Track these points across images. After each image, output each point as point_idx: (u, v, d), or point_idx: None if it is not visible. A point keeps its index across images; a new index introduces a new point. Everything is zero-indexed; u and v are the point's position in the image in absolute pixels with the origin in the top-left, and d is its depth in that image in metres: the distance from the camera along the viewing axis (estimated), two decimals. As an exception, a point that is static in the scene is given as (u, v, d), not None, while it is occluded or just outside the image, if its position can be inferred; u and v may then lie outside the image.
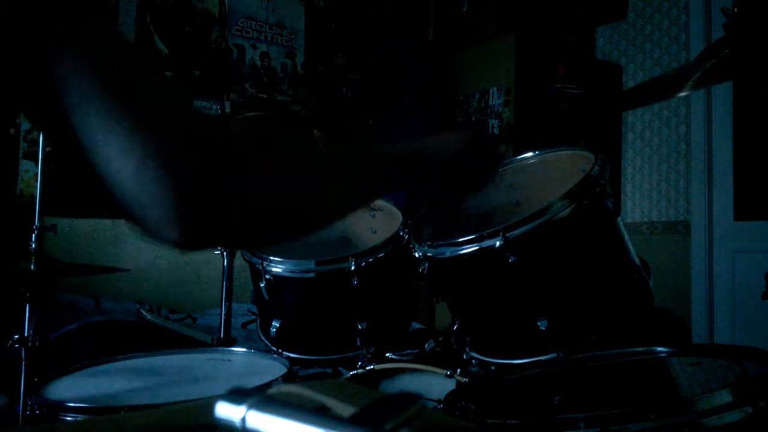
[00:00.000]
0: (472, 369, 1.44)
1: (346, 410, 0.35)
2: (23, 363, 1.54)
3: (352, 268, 1.55)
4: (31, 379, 1.43)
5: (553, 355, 1.31)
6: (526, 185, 1.63)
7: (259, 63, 3.59)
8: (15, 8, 0.55)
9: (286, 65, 3.69)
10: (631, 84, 3.66)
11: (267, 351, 1.60)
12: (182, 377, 1.33)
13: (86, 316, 2.44)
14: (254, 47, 3.58)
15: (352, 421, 0.33)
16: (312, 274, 1.60)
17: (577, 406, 1.04)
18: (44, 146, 1.73)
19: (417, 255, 1.43)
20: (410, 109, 3.85)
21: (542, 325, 1.29)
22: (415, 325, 2.06)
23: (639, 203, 3.65)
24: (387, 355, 1.61)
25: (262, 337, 1.74)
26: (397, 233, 1.64)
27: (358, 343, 1.61)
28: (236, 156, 0.64)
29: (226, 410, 0.34)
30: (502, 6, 3.67)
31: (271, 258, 1.59)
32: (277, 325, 1.65)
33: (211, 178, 0.60)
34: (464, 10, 3.93)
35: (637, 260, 1.42)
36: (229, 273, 1.85)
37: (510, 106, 3.56)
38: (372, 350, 1.60)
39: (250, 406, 0.34)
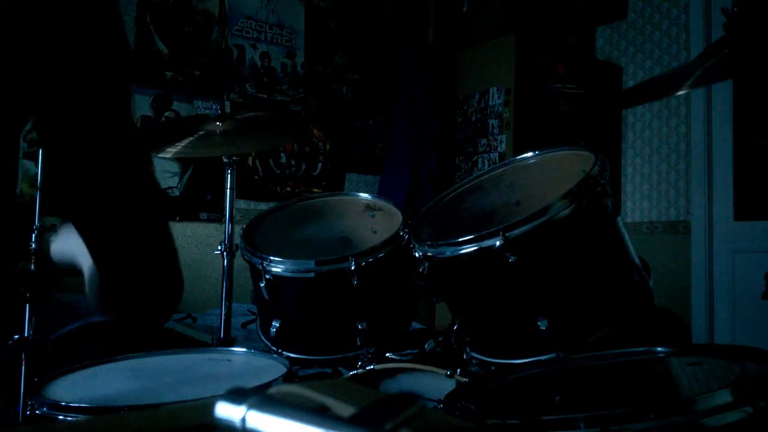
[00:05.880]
0: (472, 369, 1.44)
1: (346, 410, 0.35)
2: (23, 363, 1.54)
3: (352, 268, 1.55)
4: (31, 379, 1.43)
5: (553, 355, 1.31)
6: (526, 185, 1.63)
7: (259, 63, 3.59)
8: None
9: (286, 65, 3.69)
10: (631, 84, 3.65)
11: (267, 351, 1.60)
12: (182, 377, 1.32)
13: (86, 316, 2.44)
14: (254, 47, 3.58)
15: (352, 421, 0.33)
16: (312, 274, 1.60)
17: (577, 406, 1.03)
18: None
19: (417, 255, 1.43)
20: (410, 109, 3.85)
21: (542, 325, 1.29)
22: (415, 325, 2.06)
23: (639, 203, 3.65)
24: (387, 355, 1.61)
25: (262, 337, 1.74)
26: (397, 233, 1.64)
27: (358, 343, 1.61)
28: None
29: (226, 410, 0.34)
30: (502, 6, 3.67)
31: (271, 258, 1.59)
32: (277, 325, 1.65)
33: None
34: (464, 10, 3.93)
35: (637, 260, 1.42)
36: (229, 273, 1.84)
37: (510, 106, 3.56)
38: (372, 350, 1.60)
39: (250, 406, 0.34)
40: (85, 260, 0.86)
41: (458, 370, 1.40)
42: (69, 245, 0.89)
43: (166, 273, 0.85)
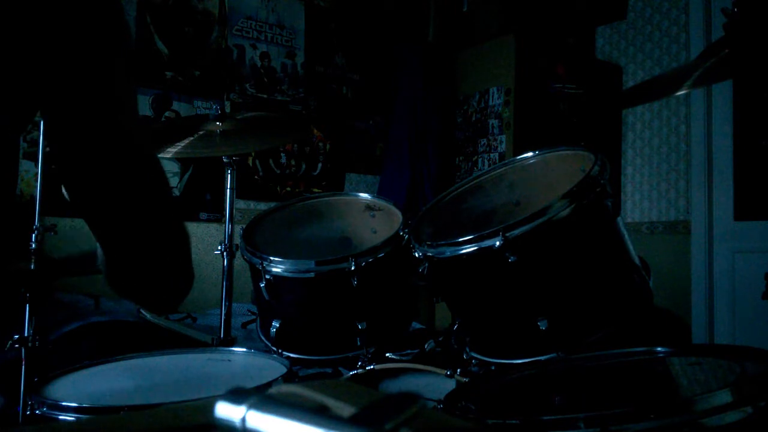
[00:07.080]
0: (472, 369, 1.44)
1: (346, 410, 0.35)
2: (23, 363, 1.54)
3: (352, 268, 1.55)
4: (31, 379, 1.43)
5: (553, 355, 1.31)
6: (526, 185, 1.63)
7: (259, 63, 3.59)
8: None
9: (286, 65, 3.69)
10: (631, 84, 3.65)
11: (267, 351, 1.60)
12: (182, 377, 1.33)
13: (86, 316, 2.44)
14: (254, 47, 3.58)
15: (352, 421, 0.33)
16: (312, 274, 1.60)
17: (577, 406, 1.03)
18: (44, 146, 1.73)
19: (417, 255, 1.43)
20: (410, 109, 3.85)
21: (542, 325, 1.30)
22: (415, 325, 2.06)
23: (639, 203, 3.65)
24: (387, 355, 1.61)
25: (262, 337, 1.74)
26: (397, 233, 1.64)
27: (358, 343, 1.61)
28: None
29: (226, 410, 0.34)
30: (502, 6, 3.67)
31: (271, 258, 1.59)
32: (277, 325, 1.65)
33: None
34: (464, 10, 3.93)
35: (637, 260, 1.42)
36: (229, 273, 1.84)
37: (510, 106, 3.56)
38: (372, 350, 1.60)
39: (250, 406, 0.34)
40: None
41: (458, 370, 1.41)
42: None
43: (177, 259, 0.86)
